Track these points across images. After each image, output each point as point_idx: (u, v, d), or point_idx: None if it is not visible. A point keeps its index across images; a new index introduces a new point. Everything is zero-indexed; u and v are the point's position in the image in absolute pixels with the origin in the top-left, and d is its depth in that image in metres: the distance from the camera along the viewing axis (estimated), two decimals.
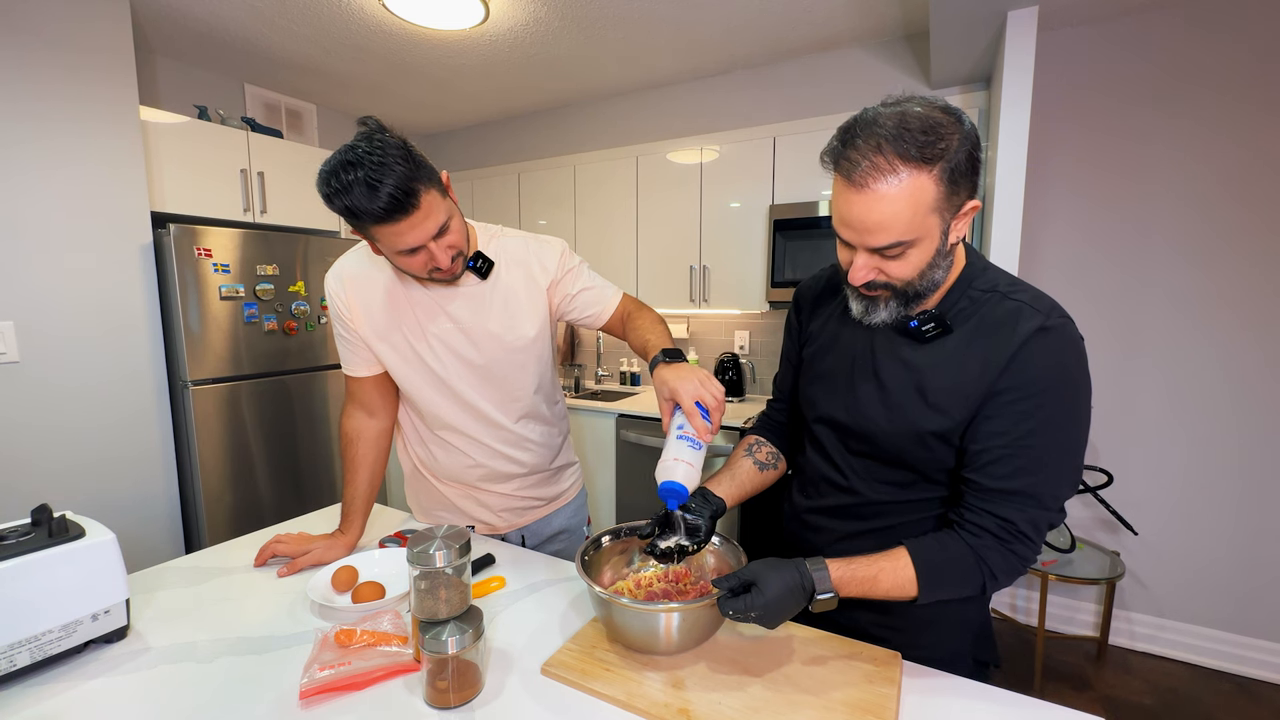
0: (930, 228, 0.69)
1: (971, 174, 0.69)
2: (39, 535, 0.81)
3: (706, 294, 2.81)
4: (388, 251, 0.97)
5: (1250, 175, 1.99)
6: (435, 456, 1.22)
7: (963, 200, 0.70)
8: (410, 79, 2.96)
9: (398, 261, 0.98)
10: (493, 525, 1.27)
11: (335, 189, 0.86)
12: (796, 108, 2.71)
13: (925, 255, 0.72)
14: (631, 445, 2.74)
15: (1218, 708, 1.95)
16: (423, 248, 0.94)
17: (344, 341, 1.15)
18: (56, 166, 1.89)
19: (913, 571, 0.74)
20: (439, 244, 0.95)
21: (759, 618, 0.71)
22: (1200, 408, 2.13)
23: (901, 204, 0.66)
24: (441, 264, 0.97)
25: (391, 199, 0.85)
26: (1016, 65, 1.82)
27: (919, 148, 0.65)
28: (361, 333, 1.11)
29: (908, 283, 0.74)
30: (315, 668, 0.76)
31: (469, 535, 0.79)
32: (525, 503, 1.26)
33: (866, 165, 0.66)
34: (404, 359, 1.12)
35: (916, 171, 0.65)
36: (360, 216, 0.88)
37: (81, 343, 1.97)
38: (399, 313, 1.10)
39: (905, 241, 0.69)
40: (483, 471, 1.20)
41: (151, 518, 2.17)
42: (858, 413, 0.85)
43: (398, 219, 0.88)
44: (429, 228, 0.92)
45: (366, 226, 0.90)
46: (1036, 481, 0.73)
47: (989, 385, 0.74)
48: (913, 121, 0.65)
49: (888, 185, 0.66)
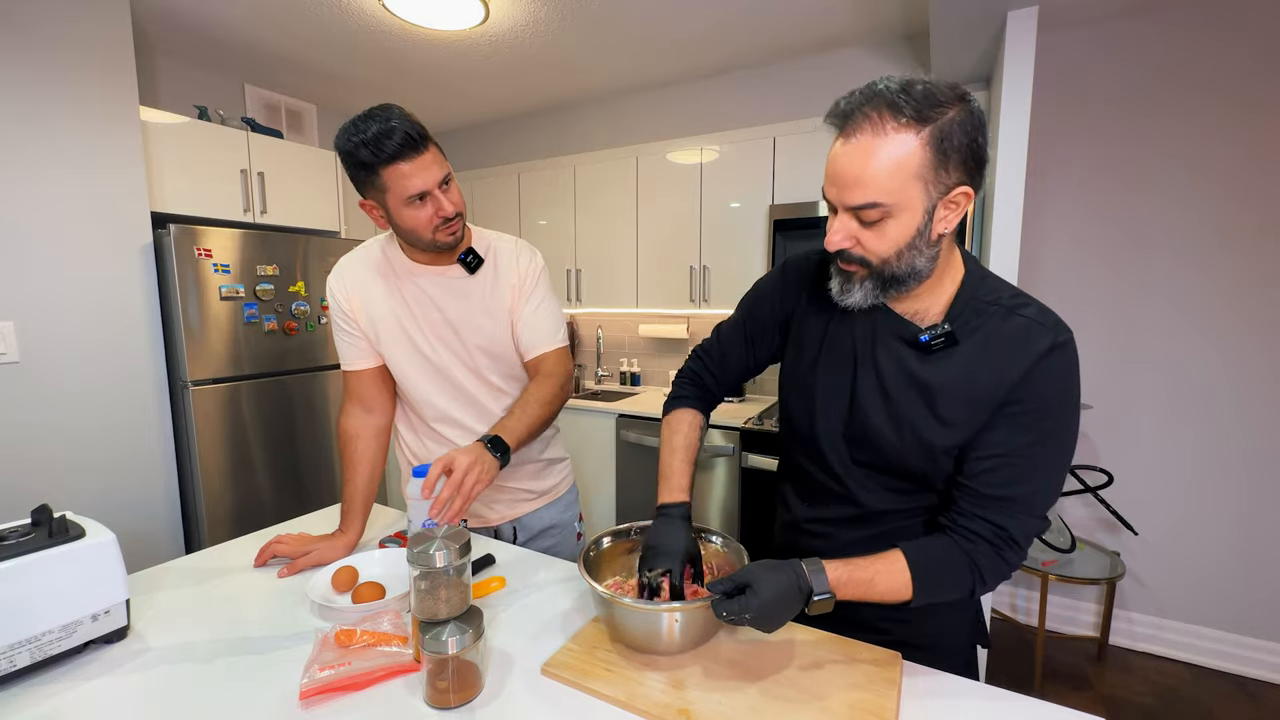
0: (911, 198, 0.68)
1: (968, 156, 0.68)
2: (39, 535, 0.81)
3: (706, 294, 2.81)
4: (397, 205, 1.02)
5: (1250, 175, 1.99)
6: (430, 450, 1.24)
7: (952, 181, 0.68)
8: (410, 79, 2.96)
9: (406, 218, 1.04)
10: (485, 518, 1.29)
11: (353, 134, 0.97)
12: (796, 108, 2.71)
13: (904, 230, 0.70)
14: (631, 445, 2.74)
15: (1218, 708, 1.95)
16: (429, 195, 1.02)
17: (344, 336, 1.19)
18: (57, 167, 1.89)
19: (908, 575, 0.74)
20: (444, 193, 1.04)
21: (754, 620, 0.71)
22: (1200, 408, 2.13)
23: (883, 159, 0.66)
24: (447, 211, 1.04)
25: (405, 136, 0.97)
26: (1016, 66, 1.82)
27: (912, 108, 0.65)
28: (362, 324, 1.17)
29: (885, 261, 0.72)
30: (315, 668, 0.76)
31: (469, 535, 0.79)
32: (517, 495, 1.29)
33: (859, 117, 0.67)
34: (402, 350, 1.18)
35: (905, 130, 0.66)
36: (378, 156, 0.97)
37: (82, 343, 1.97)
38: (396, 305, 1.16)
39: (882, 204, 0.68)
40: None
41: (151, 518, 2.17)
42: (863, 425, 0.83)
43: (410, 157, 0.98)
44: (435, 174, 1.01)
45: (379, 173, 0.99)
46: (1030, 491, 0.74)
47: (999, 400, 0.74)
48: (915, 87, 0.67)
49: (873, 139, 0.67)
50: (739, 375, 1.03)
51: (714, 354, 1.03)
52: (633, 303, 3.05)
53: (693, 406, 1.03)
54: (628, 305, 3.07)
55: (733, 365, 1.02)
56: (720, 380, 1.04)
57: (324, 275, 2.58)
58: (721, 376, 1.03)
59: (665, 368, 3.34)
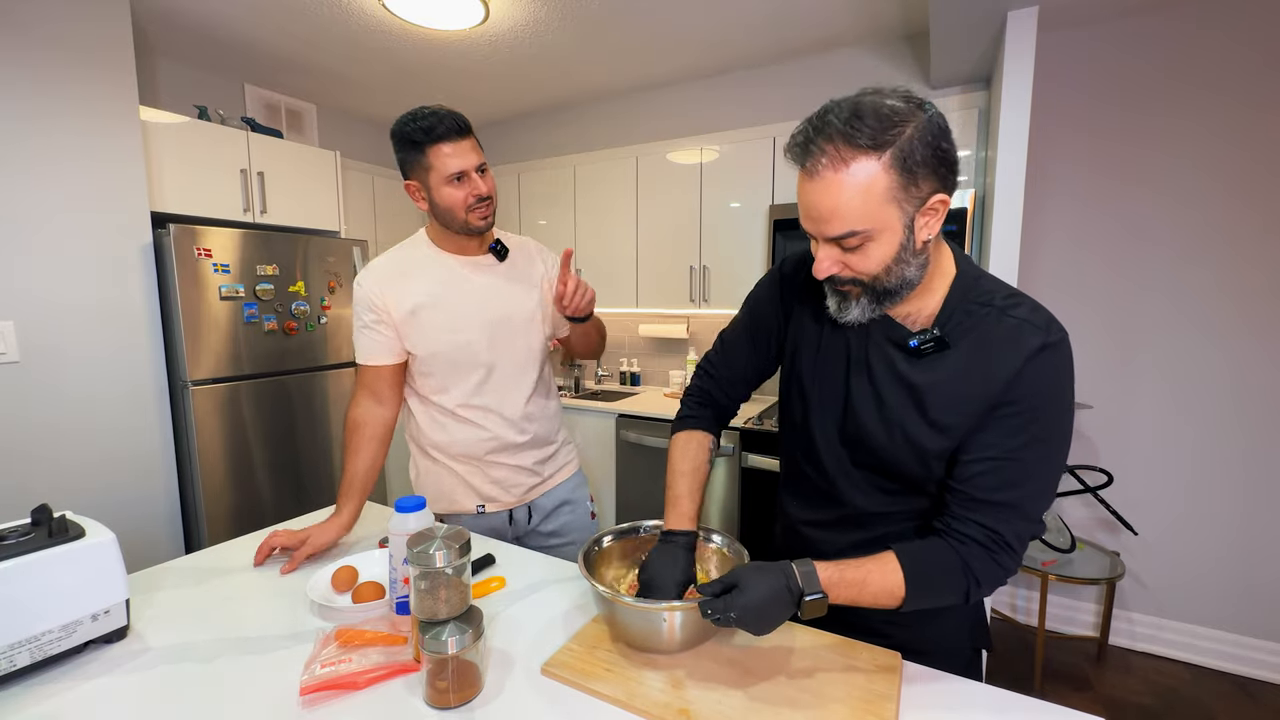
0: (888, 219, 0.68)
1: (936, 166, 0.67)
2: (39, 535, 0.81)
3: (706, 294, 2.81)
4: (438, 183, 1.17)
5: (1251, 174, 1.99)
6: (452, 436, 1.30)
7: (925, 193, 0.68)
8: (410, 79, 2.96)
9: (444, 196, 1.18)
10: (502, 501, 1.34)
11: (408, 120, 1.15)
12: (796, 108, 2.71)
13: (887, 249, 0.70)
14: (631, 445, 2.74)
15: (1218, 708, 1.95)
16: (466, 177, 1.17)
17: (369, 331, 1.25)
18: (56, 166, 1.89)
19: (900, 576, 0.73)
20: (480, 177, 1.19)
21: (739, 619, 0.70)
22: (1200, 407, 2.13)
23: (852, 191, 0.67)
24: (481, 190, 1.19)
25: (452, 123, 1.15)
26: (1016, 66, 1.82)
27: (868, 135, 0.65)
28: (395, 317, 1.23)
29: (874, 278, 0.73)
30: (315, 665, 0.77)
31: (469, 535, 0.79)
32: (531, 477, 1.37)
33: (816, 152, 0.67)
34: (436, 333, 1.25)
35: (865, 159, 0.66)
36: (427, 136, 1.13)
37: (82, 343, 1.97)
38: (432, 289, 1.25)
39: (860, 231, 0.69)
40: (496, 444, 1.31)
41: (151, 518, 2.17)
42: (858, 428, 0.83)
43: (456, 139, 1.15)
44: (473, 159, 1.17)
45: (425, 152, 1.15)
46: (1023, 495, 0.73)
47: (989, 402, 0.73)
48: (864, 109, 0.66)
49: (837, 173, 0.67)
50: (749, 380, 1.01)
51: (719, 364, 1.02)
52: (632, 302, 3.05)
53: (701, 427, 1.00)
54: (627, 305, 3.07)
55: (741, 370, 1.00)
56: (729, 391, 1.02)
57: (324, 275, 2.58)
58: (730, 386, 1.01)
59: (665, 368, 3.34)
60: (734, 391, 1.02)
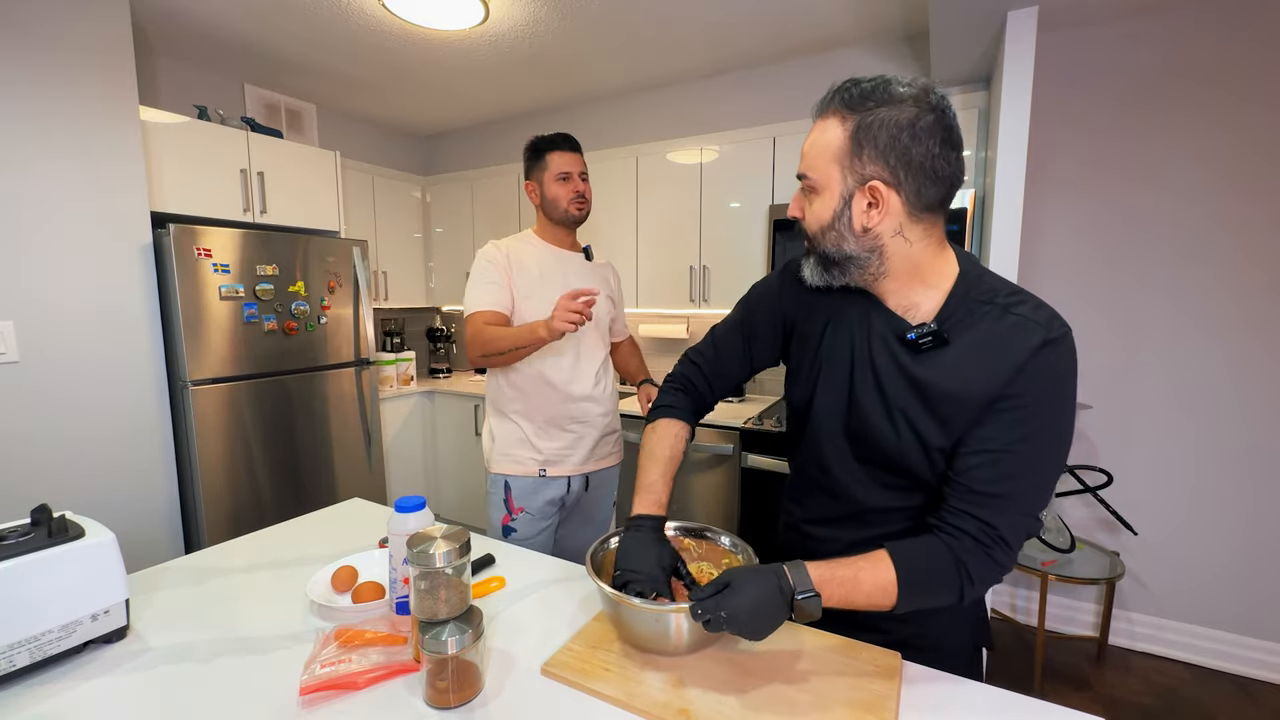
0: (830, 178, 0.76)
1: (889, 154, 0.71)
2: (39, 535, 0.81)
3: (706, 294, 2.81)
4: (550, 180, 1.59)
5: (1251, 173, 1.99)
6: (535, 403, 1.58)
7: (866, 172, 0.73)
8: (410, 79, 2.96)
9: (553, 189, 1.59)
10: (566, 465, 1.62)
11: (541, 136, 1.63)
12: (796, 108, 2.71)
13: (825, 208, 0.77)
14: (631, 445, 2.74)
15: (1218, 708, 1.95)
16: (571, 178, 1.59)
17: (493, 287, 1.53)
18: (57, 166, 1.89)
19: (893, 574, 0.72)
20: (581, 179, 1.61)
21: (730, 619, 0.69)
22: (1200, 407, 2.13)
23: (815, 137, 0.78)
24: (580, 188, 1.60)
25: (568, 140, 1.62)
26: (1016, 65, 1.82)
27: (846, 100, 0.74)
28: (513, 279, 1.55)
29: (814, 235, 0.80)
30: (316, 665, 0.77)
31: (469, 535, 0.79)
32: (595, 451, 1.67)
33: (824, 104, 0.78)
34: (536, 303, 1.53)
35: (835, 117, 0.75)
36: (551, 145, 1.60)
37: (81, 343, 1.97)
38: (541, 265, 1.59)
39: (809, 178, 0.78)
40: (575, 409, 1.61)
41: (151, 518, 2.17)
42: (863, 422, 0.83)
43: (569, 151, 1.61)
44: (580, 166, 1.62)
45: (545, 156, 1.60)
46: (1019, 488, 0.73)
47: (990, 397, 0.73)
48: (864, 83, 0.75)
49: (820, 122, 0.78)
50: (736, 376, 1.01)
51: (708, 356, 1.02)
52: (632, 302, 3.04)
53: (679, 417, 1.00)
54: (627, 305, 3.06)
55: (729, 366, 1.01)
56: (714, 383, 1.02)
57: (324, 275, 2.58)
58: (715, 379, 1.02)
59: (665, 368, 3.31)
60: (716, 384, 1.02)
